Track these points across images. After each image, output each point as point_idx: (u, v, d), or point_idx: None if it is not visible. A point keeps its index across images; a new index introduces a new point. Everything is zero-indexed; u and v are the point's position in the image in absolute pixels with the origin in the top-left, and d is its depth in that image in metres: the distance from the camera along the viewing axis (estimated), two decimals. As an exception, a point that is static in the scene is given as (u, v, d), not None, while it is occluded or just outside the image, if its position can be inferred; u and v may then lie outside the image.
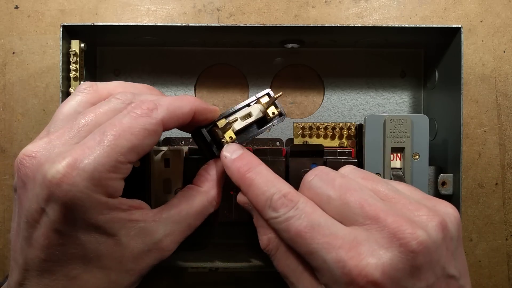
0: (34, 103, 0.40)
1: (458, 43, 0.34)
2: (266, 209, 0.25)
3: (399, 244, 0.21)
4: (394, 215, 0.22)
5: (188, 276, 0.40)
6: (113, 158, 0.23)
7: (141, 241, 0.25)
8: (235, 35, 0.37)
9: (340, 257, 0.21)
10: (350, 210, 0.23)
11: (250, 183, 0.26)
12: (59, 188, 0.22)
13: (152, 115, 0.24)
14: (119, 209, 0.24)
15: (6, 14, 0.40)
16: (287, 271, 0.26)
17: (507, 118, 0.41)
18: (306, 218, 0.23)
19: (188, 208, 0.27)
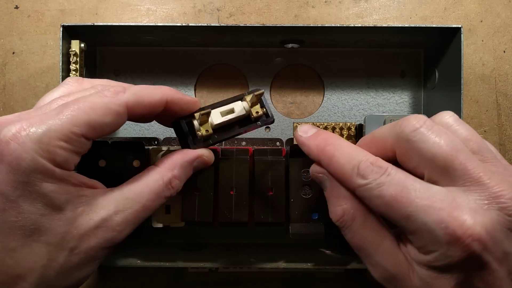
0: (34, 103, 0.40)
1: (458, 43, 0.34)
2: (353, 177, 0.24)
3: (499, 207, 0.22)
4: (495, 179, 0.22)
5: (188, 276, 0.40)
6: (67, 127, 0.23)
7: (89, 217, 0.24)
8: (235, 35, 0.37)
9: (442, 218, 0.21)
10: (453, 171, 0.23)
11: (332, 155, 0.26)
12: (7, 146, 0.22)
13: (117, 96, 0.25)
14: (68, 182, 0.24)
15: (6, 14, 0.40)
16: (363, 242, 0.25)
17: (507, 118, 0.41)
18: (400, 183, 0.23)
19: (142, 186, 0.26)
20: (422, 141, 0.23)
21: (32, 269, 0.23)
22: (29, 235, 0.23)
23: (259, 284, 0.40)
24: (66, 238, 0.24)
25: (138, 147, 0.31)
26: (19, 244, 0.23)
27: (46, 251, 0.23)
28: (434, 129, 0.24)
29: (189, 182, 0.31)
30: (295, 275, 0.40)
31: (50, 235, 0.23)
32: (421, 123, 0.24)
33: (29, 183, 0.22)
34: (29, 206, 0.23)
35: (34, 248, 0.23)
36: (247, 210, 0.32)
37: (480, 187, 0.22)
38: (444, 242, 0.21)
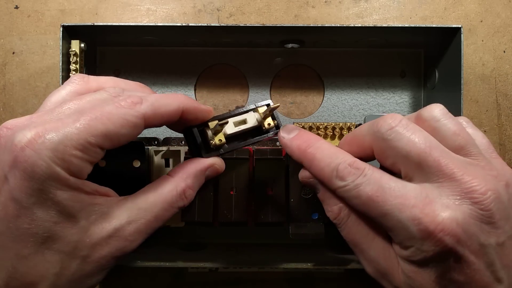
0: (34, 103, 0.40)
1: (458, 43, 0.34)
2: (333, 180, 0.25)
3: (471, 202, 0.22)
4: (470, 174, 0.23)
5: (188, 276, 0.40)
6: (83, 137, 0.22)
7: (102, 226, 0.24)
8: (235, 35, 0.37)
9: (415, 215, 0.22)
10: (427, 167, 0.23)
11: (312, 157, 0.26)
12: (22, 153, 0.22)
13: (135, 107, 0.24)
14: (81, 190, 0.23)
15: (6, 14, 0.40)
16: (358, 238, 0.26)
17: (507, 118, 0.41)
18: (375, 183, 0.24)
19: (156, 196, 0.26)
20: (397, 139, 0.24)
21: (44, 277, 0.23)
22: (42, 243, 0.23)
23: (259, 284, 0.40)
24: (79, 247, 0.24)
25: (138, 147, 0.31)
26: (32, 251, 0.23)
27: (58, 259, 0.23)
28: (409, 127, 0.24)
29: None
30: (295, 275, 0.40)
31: (63, 243, 0.23)
32: (396, 122, 0.24)
33: (43, 190, 0.22)
34: (43, 214, 0.23)
35: (46, 256, 0.23)
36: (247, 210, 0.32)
37: (453, 182, 0.23)
38: (418, 237, 0.22)
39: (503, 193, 0.23)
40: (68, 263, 0.24)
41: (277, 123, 0.30)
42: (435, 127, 0.25)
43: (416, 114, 0.26)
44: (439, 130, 0.25)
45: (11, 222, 0.23)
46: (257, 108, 0.29)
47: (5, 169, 0.22)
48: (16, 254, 0.23)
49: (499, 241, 0.23)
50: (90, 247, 0.24)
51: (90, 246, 0.24)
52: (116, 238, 0.24)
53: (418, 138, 0.24)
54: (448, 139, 0.24)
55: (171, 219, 0.32)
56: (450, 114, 0.26)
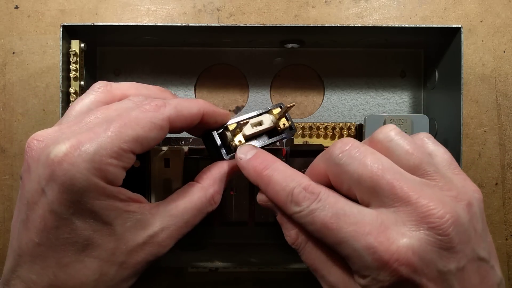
0: (34, 103, 0.40)
1: (458, 43, 0.34)
2: (288, 204, 0.25)
3: (428, 227, 0.21)
4: (425, 196, 0.22)
5: (188, 276, 0.40)
6: (116, 145, 0.23)
7: (137, 233, 0.25)
8: (235, 35, 0.37)
9: (369, 244, 0.21)
10: (381, 191, 0.22)
11: (268, 181, 0.26)
12: (60, 167, 0.22)
13: (160, 111, 0.25)
14: (116, 198, 0.24)
15: (6, 14, 0.40)
16: (317, 264, 0.25)
17: (507, 118, 0.41)
18: (330, 209, 0.23)
19: (186, 203, 0.27)
20: (348, 163, 0.23)
21: (84, 284, 0.24)
22: (82, 251, 0.24)
23: (259, 284, 0.40)
24: (116, 253, 0.24)
25: None
26: (73, 259, 0.24)
27: (97, 266, 0.24)
28: (360, 150, 0.23)
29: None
30: (295, 275, 0.40)
31: (102, 251, 0.24)
32: (348, 145, 0.24)
33: (82, 202, 0.23)
34: (82, 223, 0.23)
35: (86, 263, 0.24)
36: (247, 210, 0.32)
37: (409, 207, 0.22)
38: (373, 267, 0.21)
39: (463, 215, 0.22)
40: (107, 269, 0.24)
41: (290, 124, 0.30)
42: (388, 147, 0.24)
43: (370, 137, 0.25)
44: (392, 150, 0.24)
45: (51, 234, 0.23)
46: (271, 110, 0.30)
47: (42, 182, 0.23)
48: (57, 263, 0.24)
49: (459, 266, 0.22)
50: (127, 253, 0.25)
51: (127, 252, 0.25)
52: (150, 244, 0.25)
53: (370, 160, 0.23)
54: (402, 159, 0.24)
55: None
56: (403, 133, 0.25)
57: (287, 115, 0.30)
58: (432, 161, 0.24)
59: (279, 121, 0.30)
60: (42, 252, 0.24)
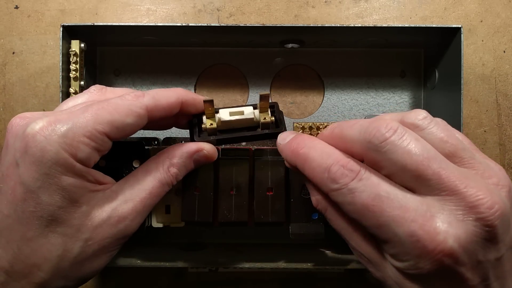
0: (34, 103, 0.40)
1: (458, 43, 0.34)
2: (324, 181, 0.24)
3: (476, 217, 0.21)
4: (472, 186, 0.21)
5: (188, 276, 0.40)
6: (91, 125, 0.24)
7: (101, 210, 0.25)
8: (235, 35, 0.37)
9: (413, 231, 0.21)
10: (427, 180, 0.22)
11: (305, 158, 0.25)
12: (33, 139, 0.23)
13: (138, 99, 0.26)
14: (85, 178, 0.25)
15: (6, 14, 0.40)
16: (339, 228, 0.26)
17: (507, 118, 0.41)
18: (372, 190, 0.22)
19: (145, 174, 0.27)
20: (392, 151, 0.22)
21: (47, 259, 0.24)
22: (47, 226, 0.24)
23: (259, 284, 0.40)
24: (81, 230, 0.25)
25: (138, 147, 0.31)
26: (37, 234, 0.24)
27: (61, 241, 0.25)
28: (405, 137, 0.22)
29: (189, 182, 0.31)
30: (295, 275, 0.40)
31: (66, 227, 0.25)
32: (391, 132, 0.22)
33: (50, 175, 0.23)
34: (48, 198, 0.24)
35: (50, 239, 0.24)
36: (247, 210, 0.32)
37: (456, 196, 0.21)
38: (414, 254, 0.21)
39: (507, 203, 0.21)
40: (71, 245, 0.25)
41: (275, 119, 0.29)
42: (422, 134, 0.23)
43: (401, 119, 0.24)
44: (426, 137, 0.23)
45: (18, 206, 0.24)
46: (257, 105, 0.29)
47: (17, 155, 0.24)
48: (22, 237, 0.24)
49: (498, 256, 0.22)
50: (92, 229, 0.25)
51: (92, 228, 0.25)
52: (115, 218, 0.26)
53: (414, 148, 0.22)
54: (437, 147, 0.23)
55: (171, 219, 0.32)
56: (436, 120, 0.24)
57: (277, 111, 0.29)
58: (466, 147, 0.24)
59: (260, 114, 0.28)
60: (9, 225, 0.24)
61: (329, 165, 0.23)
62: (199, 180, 0.31)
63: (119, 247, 0.27)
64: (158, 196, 0.27)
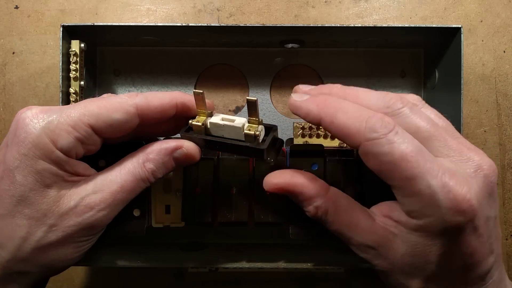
0: (34, 103, 0.40)
1: (458, 43, 0.34)
2: (362, 131, 0.23)
3: (483, 174, 0.23)
4: (472, 150, 0.24)
5: (188, 276, 0.40)
6: (77, 116, 0.25)
7: (70, 198, 0.26)
8: (235, 35, 0.37)
9: (446, 183, 0.22)
10: (436, 143, 0.24)
11: (336, 111, 0.25)
12: (22, 122, 0.25)
13: (130, 97, 0.27)
14: (62, 167, 0.25)
15: (6, 14, 0.40)
16: (341, 227, 0.26)
17: (507, 118, 0.41)
18: (411, 142, 0.23)
19: (120, 167, 0.27)
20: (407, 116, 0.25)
21: (10, 238, 0.25)
22: (15, 205, 0.25)
23: (259, 284, 0.40)
24: (47, 215, 0.25)
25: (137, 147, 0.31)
26: (5, 212, 0.25)
27: (26, 223, 0.25)
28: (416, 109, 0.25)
29: (189, 182, 0.31)
30: (295, 275, 0.40)
31: (33, 210, 0.25)
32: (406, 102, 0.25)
33: (28, 156, 0.24)
34: (22, 178, 0.25)
35: (16, 219, 0.25)
36: (247, 210, 0.32)
37: (464, 157, 0.24)
38: (444, 206, 0.22)
39: None
40: (35, 228, 0.25)
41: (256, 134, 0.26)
42: None
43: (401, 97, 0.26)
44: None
45: None
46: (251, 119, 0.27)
47: (9, 137, 0.26)
48: None
49: (496, 214, 0.24)
50: (58, 216, 0.25)
51: (58, 215, 0.25)
52: (82, 207, 0.26)
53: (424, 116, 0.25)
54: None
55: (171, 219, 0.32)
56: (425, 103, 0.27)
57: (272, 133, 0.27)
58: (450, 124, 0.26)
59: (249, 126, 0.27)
60: None
61: (367, 116, 0.24)
62: (199, 180, 0.31)
63: (88, 239, 0.27)
64: (132, 191, 0.27)
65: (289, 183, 0.27)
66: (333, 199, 0.27)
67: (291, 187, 0.27)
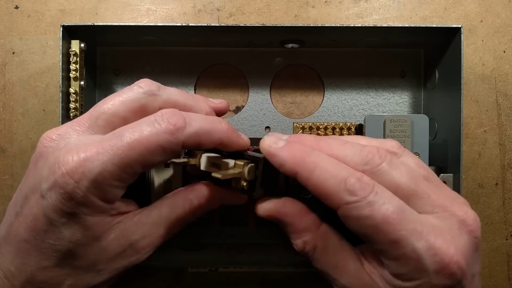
0: (34, 103, 0.40)
1: (458, 43, 0.34)
2: (341, 193, 0.22)
3: (468, 230, 0.22)
4: (455, 203, 0.23)
5: (188, 276, 0.40)
6: (121, 168, 0.23)
7: (118, 243, 0.25)
8: (235, 35, 0.37)
9: (431, 244, 0.21)
10: (418, 199, 0.22)
11: (313, 167, 0.23)
12: (63, 179, 0.23)
13: (176, 134, 0.24)
14: (108, 213, 0.24)
15: (6, 14, 0.40)
16: (328, 267, 0.25)
17: (507, 118, 0.41)
18: (391, 203, 0.22)
19: (169, 212, 0.26)
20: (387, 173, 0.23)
21: (59, 286, 0.25)
22: (63, 259, 0.24)
23: (259, 284, 0.40)
24: (96, 264, 0.25)
25: None
26: (52, 264, 0.24)
27: (75, 273, 0.25)
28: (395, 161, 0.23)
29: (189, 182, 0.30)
30: (295, 275, 0.40)
31: (82, 261, 0.24)
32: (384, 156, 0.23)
33: (75, 215, 0.23)
34: (70, 235, 0.24)
35: (64, 270, 0.24)
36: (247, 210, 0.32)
37: (447, 213, 0.22)
38: (432, 270, 0.21)
39: None
40: (84, 276, 0.25)
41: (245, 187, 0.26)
42: None
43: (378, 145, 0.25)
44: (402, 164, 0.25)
45: (39, 235, 0.24)
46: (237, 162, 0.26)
47: (43, 186, 0.23)
48: (37, 263, 0.24)
49: (479, 269, 0.23)
50: (106, 261, 0.25)
51: (106, 261, 0.25)
52: (129, 251, 0.25)
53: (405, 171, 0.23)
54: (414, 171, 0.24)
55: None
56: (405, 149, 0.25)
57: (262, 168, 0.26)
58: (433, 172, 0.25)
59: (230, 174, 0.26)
60: (26, 249, 0.24)
61: (346, 177, 0.22)
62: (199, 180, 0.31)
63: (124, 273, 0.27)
64: (177, 232, 0.27)
65: (280, 211, 0.26)
66: (323, 237, 0.25)
67: (281, 216, 0.26)
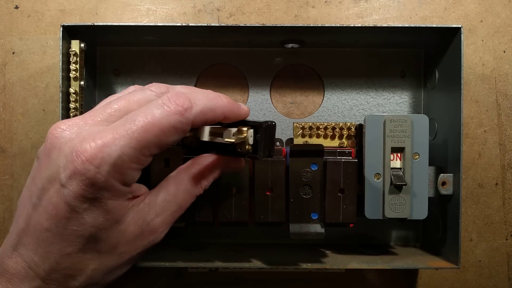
0: (34, 103, 0.40)
1: (458, 43, 0.34)
2: None
3: None
4: None
5: (188, 276, 0.40)
6: (139, 150, 0.24)
7: (136, 224, 0.26)
8: (235, 35, 0.37)
9: None
10: None
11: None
12: (83, 166, 0.23)
13: (185, 114, 0.25)
14: (126, 197, 0.25)
15: (6, 14, 0.40)
16: None
17: (507, 118, 0.41)
18: None
19: (176, 186, 0.28)
20: None
21: (83, 271, 0.26)
22: (85, 244, 0.25)
23: (259, 284, 0.40)
24: (117, 247, 0.26)
25: None
26: (75, 250, 0.25)
27: (98, 257, 0.26)
28: None
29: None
30: (295, 275, 0.40)
31: (104, 245, 0.25)
32: None
33: (97, 199, 0.24)
34: (92, 220, 0.24)
35: (88, 255, 0.25)
36: (247, 210, 0.32)
37: None
38: None
39: None
40: (106, 260, 0.26)
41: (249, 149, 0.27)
42: None
43: None
44: None
45: (61, 223, 0.24)
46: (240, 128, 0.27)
47: (62, 175, 0.24)
48: (60, 251, 0.25)
49: None
50: (126, 244, 0.26)
51: (126, 243, 0.26)
52: (147, 232, 0.27)
53: None
54: None
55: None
56: None
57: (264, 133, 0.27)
58: None
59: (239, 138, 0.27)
60: (48, 238, 0.24)
61: None
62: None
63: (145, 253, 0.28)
64: (186, 206, 0.28)
65: None
66: None
67: None
